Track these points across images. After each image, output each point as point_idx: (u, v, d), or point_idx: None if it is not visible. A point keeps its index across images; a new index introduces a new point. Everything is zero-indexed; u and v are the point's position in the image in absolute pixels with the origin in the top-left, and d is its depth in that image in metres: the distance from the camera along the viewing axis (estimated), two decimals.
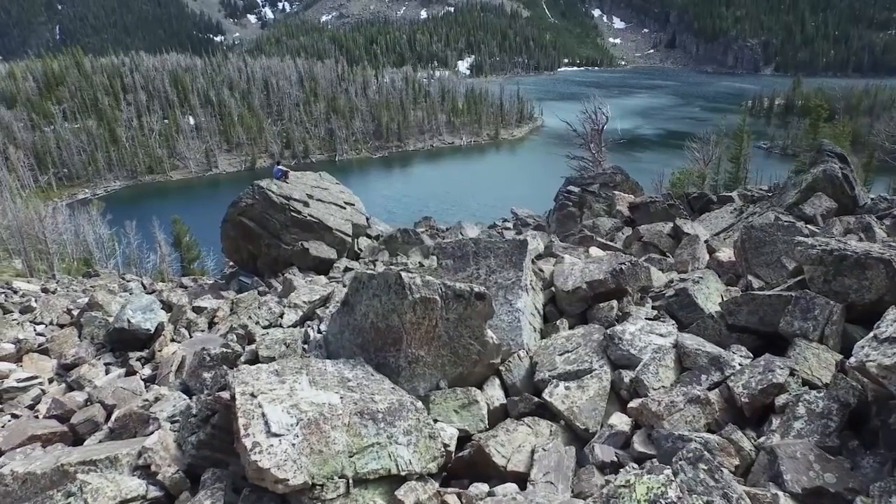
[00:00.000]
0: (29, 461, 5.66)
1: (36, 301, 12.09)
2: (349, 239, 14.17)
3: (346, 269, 13.29)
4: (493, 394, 5.39)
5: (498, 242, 6.73)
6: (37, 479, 5.28)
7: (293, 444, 3.75)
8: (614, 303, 6.55)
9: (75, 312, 11.65)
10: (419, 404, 4.51)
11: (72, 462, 5.23)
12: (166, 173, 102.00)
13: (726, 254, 7.01)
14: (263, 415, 3.95)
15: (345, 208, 14.95)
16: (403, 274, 5.04)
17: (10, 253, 39.43)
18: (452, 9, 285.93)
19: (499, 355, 5.54)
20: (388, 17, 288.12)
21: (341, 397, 4.28)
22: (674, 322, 5.54)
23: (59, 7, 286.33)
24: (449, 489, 4.01)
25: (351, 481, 3.83)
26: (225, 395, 5.12)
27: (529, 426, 4.54)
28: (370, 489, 3.92)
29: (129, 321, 9.09)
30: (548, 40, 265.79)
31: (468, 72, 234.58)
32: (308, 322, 9.11)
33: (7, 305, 11.77)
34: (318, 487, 3.75)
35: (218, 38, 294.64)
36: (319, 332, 8.13)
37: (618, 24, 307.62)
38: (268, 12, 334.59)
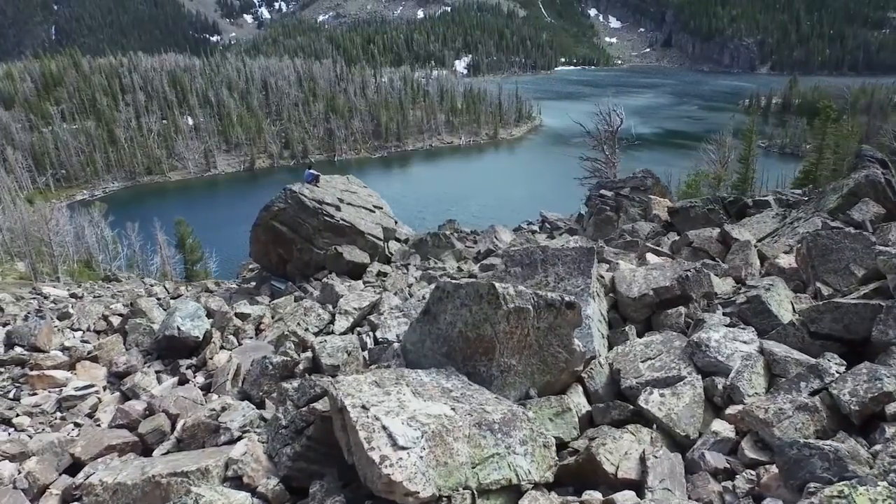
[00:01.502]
0: (112, 472, 5.68)
1: (72, 307, 12.10)
2: (381, 243, 14.18)
3: (380, 274, 13.32)
4: (578, 401, 5.45)
5: (565, 250, 6.80)
6: (128, 489, 5.32)
7: (421, 457, 3.80)
8: (682, 309, 6.63)
9: (112, 319, 11.67)
10: (530, 414, 4.58)
11: (162, 473, 5.26)
12: (165, 174, 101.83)
13: (786, 260, 7.10)
14: (384, 427, 4.00)
15: (374, 212, 14.96)
16: (497, 284, 5.09)
17: (13, 255, 39.20)
18: (449, 8, 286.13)
19: (582, 363, 5.61)
20: (385, 17, 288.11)
21: (453, 408, 4.34)
22: (753, 329, 5.61)
23: (55, 7, 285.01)
24: (570, 497, 4.07)
25: (475, 492, 3.89)
26: (319, 406, 5.18)
27: (633, 433, 4.61)
28: (492, 499, 3.98)
29: (178, 328, 9.10)
30: (544, 40, 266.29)
31: (465, 71, 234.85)
32: (358, 328, 9.16)
33: (45, 312, 11.78)
34: (444, 499, 3.80)
35: (214, 39, 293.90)
36: (376, 340, 8.15)
37: (614, 23, 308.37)
38: (264, 12, 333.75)
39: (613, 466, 4.34)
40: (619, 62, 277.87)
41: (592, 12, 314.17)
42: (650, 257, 8.02)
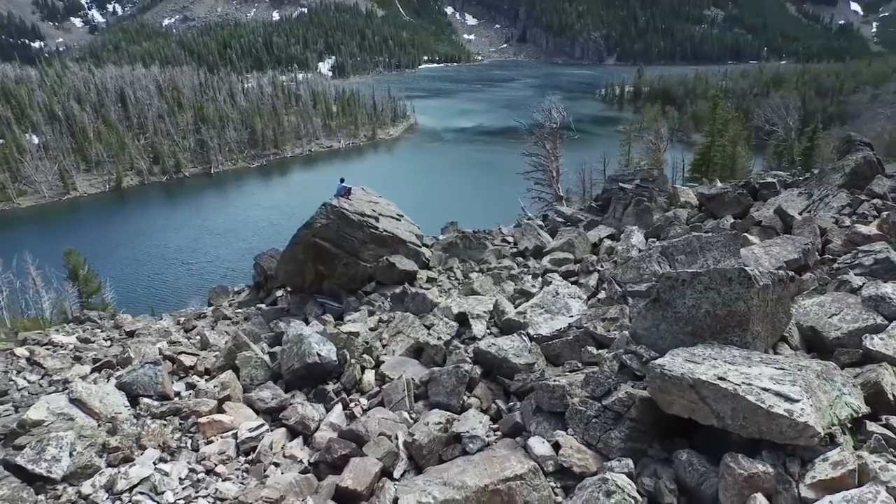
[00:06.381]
0: (419, 493, 5.80)
1: (130, 350, 11.09)
2: (421, 249, 14.47)
3: (429, 280, 13.65)
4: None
5: (715, 237, 8.06)
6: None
7: (811, 405, 4.78)
8: (810, 275, 8.19)
9: (182, 358, 10.95)
10: (833, 364, 5.73)
11: (493, 482, 5.65)
12: (12, 200, 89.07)
13: (866, 229, 8.94)
14: (764, 389, 4.93)
15: (399, 220, 15.17)
16: (747, 268, 6.15)
17: None
18: (306, 10, 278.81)
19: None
20: (239, 20, 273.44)
21: (780, 368, 5.36)
22: None
23: None
24: None
25: (841, 428, 4.97)
26: (635, 392, 5.93)
27: (885, 368, 5.93)
28: (847, 434, 5.08)
29: (318, 355, 9.03)
30: (405, 38, 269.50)
31: (331, 73, 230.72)
32: (489, 331, 9.75)
33: (110, 360, 10.69)
34: (827, 437, 4.83)
35: (37, 45, 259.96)
36: (531, 338, 8.79)
37: (470, 20, 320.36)
38: (96, 15, 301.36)
39: (892, 396, 5.65)
40: (479, 58, 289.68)
41: (449, 10, 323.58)
42: (751, 237, 9.59)
